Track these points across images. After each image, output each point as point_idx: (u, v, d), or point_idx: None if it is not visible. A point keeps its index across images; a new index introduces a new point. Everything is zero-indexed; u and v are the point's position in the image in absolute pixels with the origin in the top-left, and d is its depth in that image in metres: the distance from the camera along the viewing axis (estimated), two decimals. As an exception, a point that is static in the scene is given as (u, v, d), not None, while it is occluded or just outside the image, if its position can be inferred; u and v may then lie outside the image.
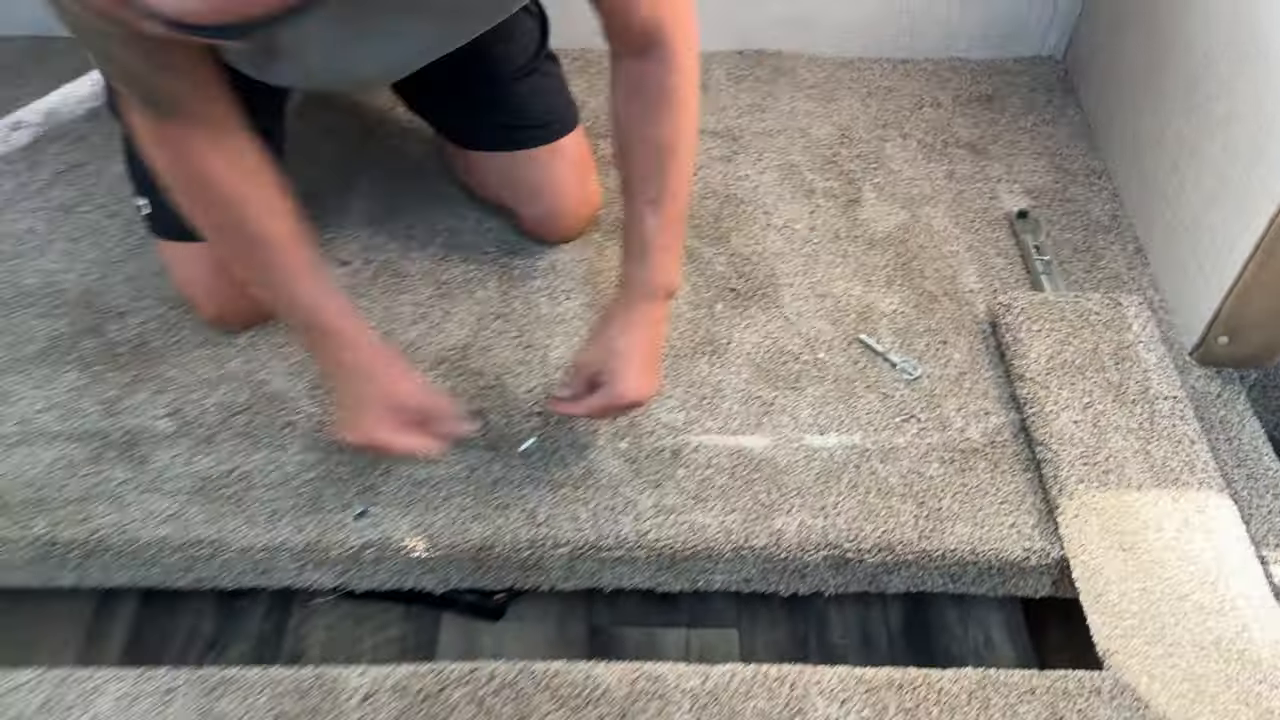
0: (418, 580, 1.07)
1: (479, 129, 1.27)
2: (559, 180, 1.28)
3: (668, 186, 0.99)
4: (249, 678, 0.90)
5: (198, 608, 1.14)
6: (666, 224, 1.00)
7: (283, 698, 0.89)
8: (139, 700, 0.88)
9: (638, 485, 1.09)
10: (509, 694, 0.90)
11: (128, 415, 1.12)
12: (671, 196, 0.99)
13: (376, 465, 1.09)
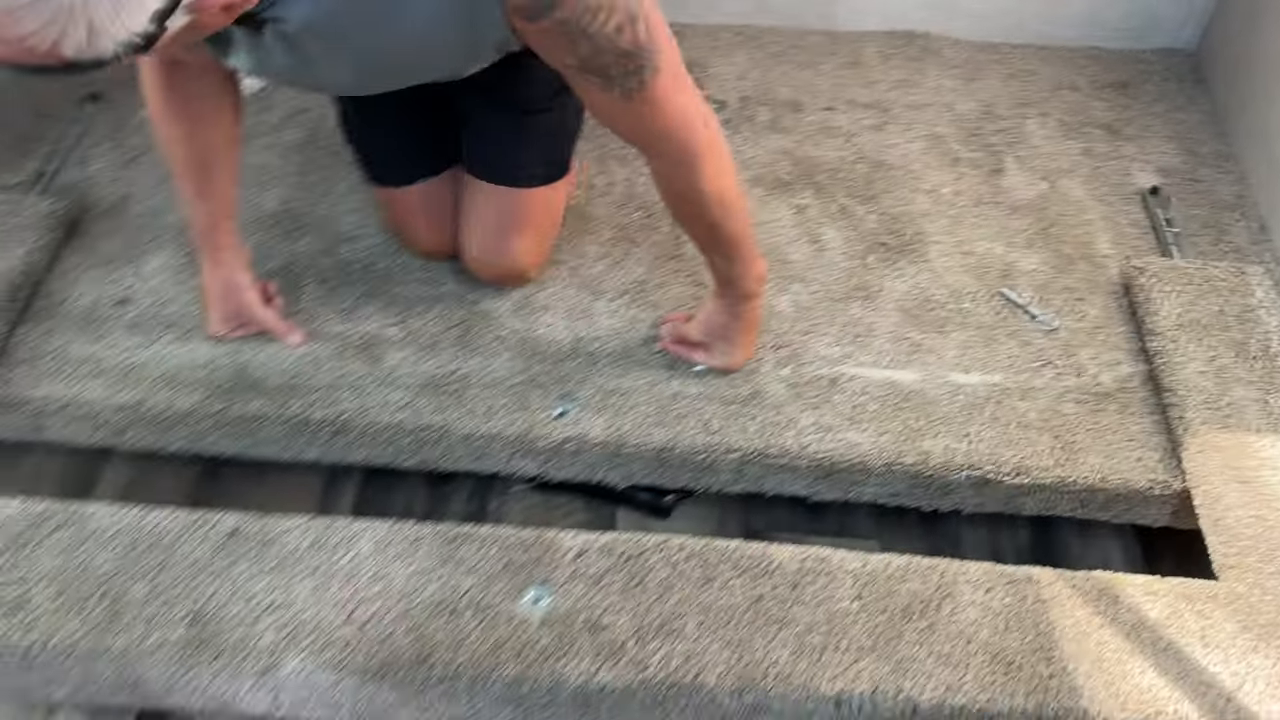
0: (605, 474, 1.24)
1: (470, 136, 1.32)
2: (484, 217, 1.30)
3: (715, 240, 1.13)
4: (481, 533, 1.08)
5: (411, 487, 1.33)
6: (729, 258, 1.15)
7: (510, 549, 1.06)
8: (391, 545, 1.06)
9: (799, 406, 1.24)
10: (696, 561, 1.06)
11: (362, 322, 1.31)
12: (724, 242, 1.13)
13: (576, 374, 1.26)
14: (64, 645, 0.98)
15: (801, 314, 1.34)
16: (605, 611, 1.02)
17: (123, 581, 1.02)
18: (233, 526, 1.07)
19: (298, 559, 1.05)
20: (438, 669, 0.98)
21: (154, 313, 1.30)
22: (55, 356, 1.25)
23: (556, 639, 1.00)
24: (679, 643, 1.00)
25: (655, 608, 1.02)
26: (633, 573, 1.05)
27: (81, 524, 1.06)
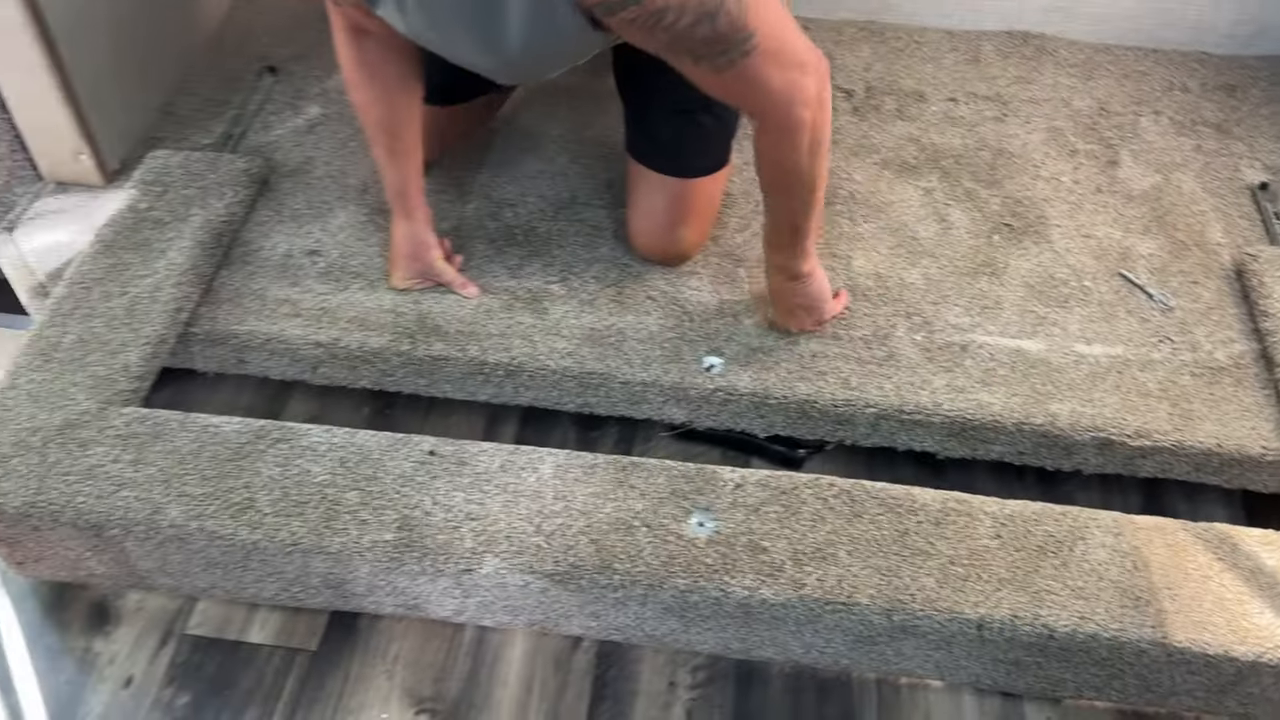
0: (749, 423, 1.35)
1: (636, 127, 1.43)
2: (654, 206, 1.41)
3: (792, 215, 1.21)
4: (650, 464, 1.19)
5: (564, 429, 1.45)
6: (795, 237, 1.23)
7: (675, 479, 1.18)
8: (570, 470, 1.18)
9: (932, 369, 1.34)
10: (846, 499, 1.17)
11: (527, 279, 1.44)
12: (800, 219, 1.21)
13: (723, 333, 1.37)
14: (287, 542, 1.11)
15: (932, 286, 1.44)
16: (764, 537, 1.13)
17: (337, 490, 1.15)
18: (431, 447, 1.19)
19: (489, 478, 1.17)
20: (617, 577, 1.09)
21: (342, 264, 1.44)
22: (256, 297, 1.39)
23: (721, 558, 1.11)
24: (832, 567, 1.10)
25: (809, 536, 1.13)
26: (787, 505, 1.16)
27: (296, 440, 1.19)
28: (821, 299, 1.33)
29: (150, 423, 1.20)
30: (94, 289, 1.33)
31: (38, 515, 1.13)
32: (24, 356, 1.26)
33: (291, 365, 1.38)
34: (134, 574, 1.20)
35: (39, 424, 1.19)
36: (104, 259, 1.37)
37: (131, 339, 1.28)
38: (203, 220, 1.42)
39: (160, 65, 1.67)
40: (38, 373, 1.24)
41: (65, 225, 1.47)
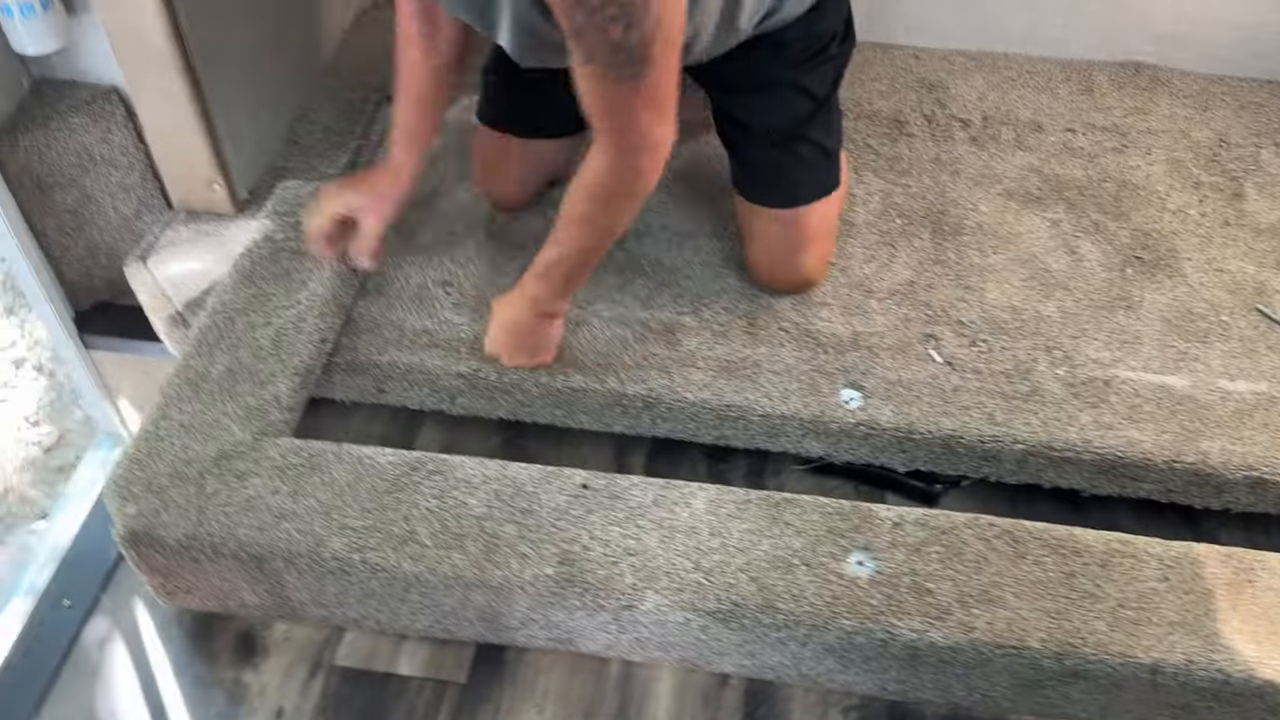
0: (891, 458, 1.34)
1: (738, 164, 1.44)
2: (768, 238, 1.41)
3: (570, 251, 1.21)
4: (804, 501, 1.18)
5: (692, 461, 1.44)
6: (560, 268, 1.23)
7: (830, 516, 1.17)
8: (723, 505, 1.18)
9: (1077, 405, 1.32)
10: (1008, 539, 1.15)
11: (658, 310, 1.44)
12: (572, 258, 1.22)
13: (859, 365, 1.36)
14: (449, 575, 1.11)
15: (1069, 319, 1.42)
16: (927, 578, 1.11)
17: (494, 523, 1.15)
18: (583, 480, 1.19)
19: (643, 512, 1.16)
20: (781, 616, 1.09)
21: (475, 294, 1.44)
22: (395, 328, 1.40)
23: (886, 599, 1.10)
24: (1000, 609, 1.09)
25: (974, 577, 1.11)
26: (948, 545, 1.14)
27: (450, 472, 1.19)
28: (552, 343, 1.34)
29: (305, 454, 1.20)
30: (237, 319, 1.34)
31: (199, 547, 1.13)
32: (172, 387, 1.27)
33: (431, 395, 1.38)
34: (286, 605, 1.21)
35: (194, 455, 1.20)
36: (245, 289, 1.38)
37: (280, 369, 1.29)
38: (340, 250, 1.43)
39: (283, 95, 1.70)
40: (188, 403, 1.26)
41: (199, 254, 1.49)
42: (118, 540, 1.15)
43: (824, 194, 1.41)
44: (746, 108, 1.38)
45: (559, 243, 1.22)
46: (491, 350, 1.34)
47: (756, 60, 1.31)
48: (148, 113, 1.44)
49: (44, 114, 1.43)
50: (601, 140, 1.11)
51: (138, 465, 1.19)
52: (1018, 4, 1.79)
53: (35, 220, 1.47)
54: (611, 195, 1.15)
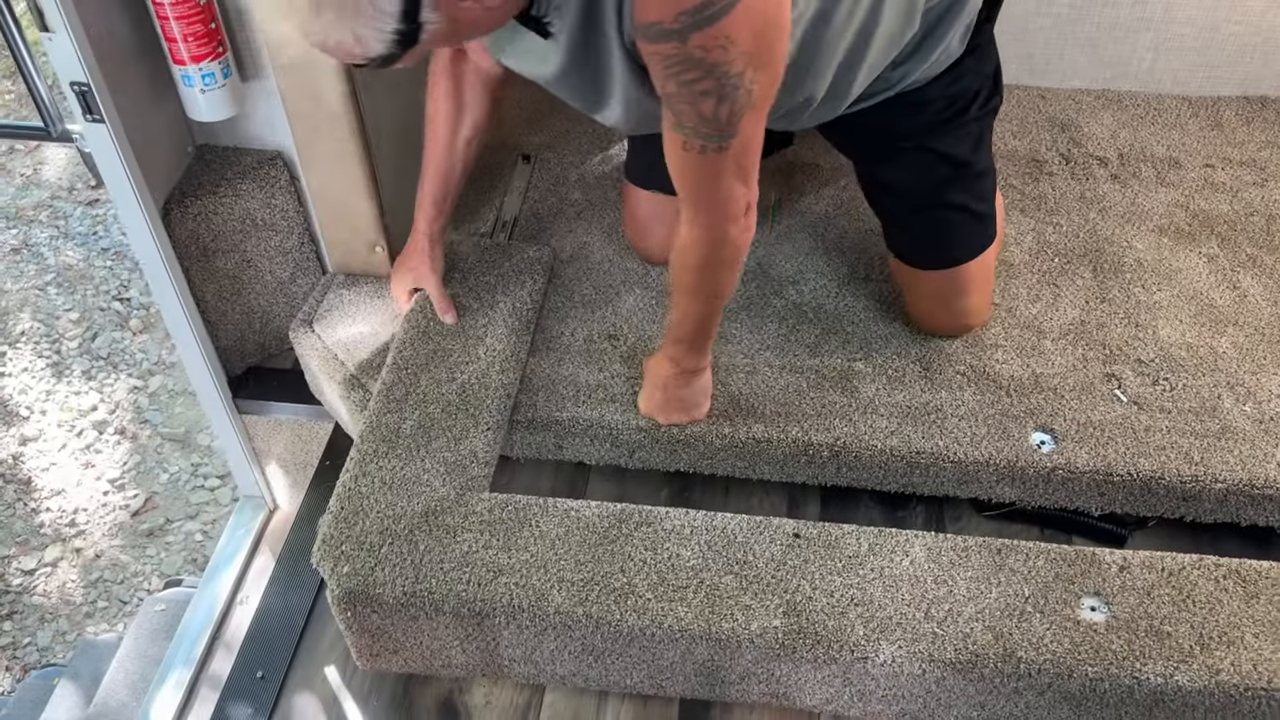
0: (1087, 501, 1.32)
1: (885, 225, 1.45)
2: (925, 292, 1.42)
3: (689, 316, 1.22)
4: (1025, 546, 1.16)
5: (866, 509, 1.42)
6: (685, 334, 1.25)
7: (1055, 562, 1.15)
8: (943, 553, 1.16)
9: (1269, 440, 1.30)
10: (1236, 579, 1.13)
11: (828, 356, 1.43)
12: (692, 322, 1.23)
13: (1045, 408, 1.35)
14: (674, 628, 1.09)
15: (1244, 354, 1.41)
16: (1163, 621, 1.09)
17: (712, 574, 1.13)
18: (794, 529, 1.17)
19: (861, 561, 1.15)
20: (1022, 665, 1.06)
21: (641, 346, 1.44)
22: (569, 383, 1.39)
23: (1126, 644, 1.07)
24: (1242, 650, 1.06)
25: (1210, 619, 1.09)
26: (1178, 587, 1.12)
27: (658, 523, 1.18)
28: (703, 396, 1.33)
29: (511, 508, 1.19)
30: (421, 375, 1.34)
31: (418, 605, 1.12)
32: (366, 444, 1.27)
33: (611, 450, 1.37)
34: (494, 663, 1.19)
35: (401, 511, 1.19)
36: (423, 345, 1.38)
37: (471, 425, 1.28)
38: (510, 306, 1.43)
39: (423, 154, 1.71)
40: (385, 459, 1.25)
41: (366, 317, 1.49)
42: (332, 602, 1.14)
43: (977, 253, 1.39)
44: (883, 171, 1.38)
45: (676, 307, 1.23)
46: (646, 409, 1.34)
47: (891, 122, 1.31)
48: (316, 177, 1.45)
49: (211, 180, 1.44)
50: (688, 212, 1.11)
51: (345, 524, 1.18)
52: (1147, 43, 1.80)
53: (197, 285, 1.47)
54: (706, 265, 1.15)
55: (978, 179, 1.37)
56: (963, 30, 1.25)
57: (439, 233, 1.43)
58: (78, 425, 2.88)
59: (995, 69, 1.35)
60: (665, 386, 1.32)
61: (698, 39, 0.93)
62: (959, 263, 1.38)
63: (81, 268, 3.24)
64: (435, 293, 1.43)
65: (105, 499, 2.81)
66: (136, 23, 1.28)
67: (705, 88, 0.97)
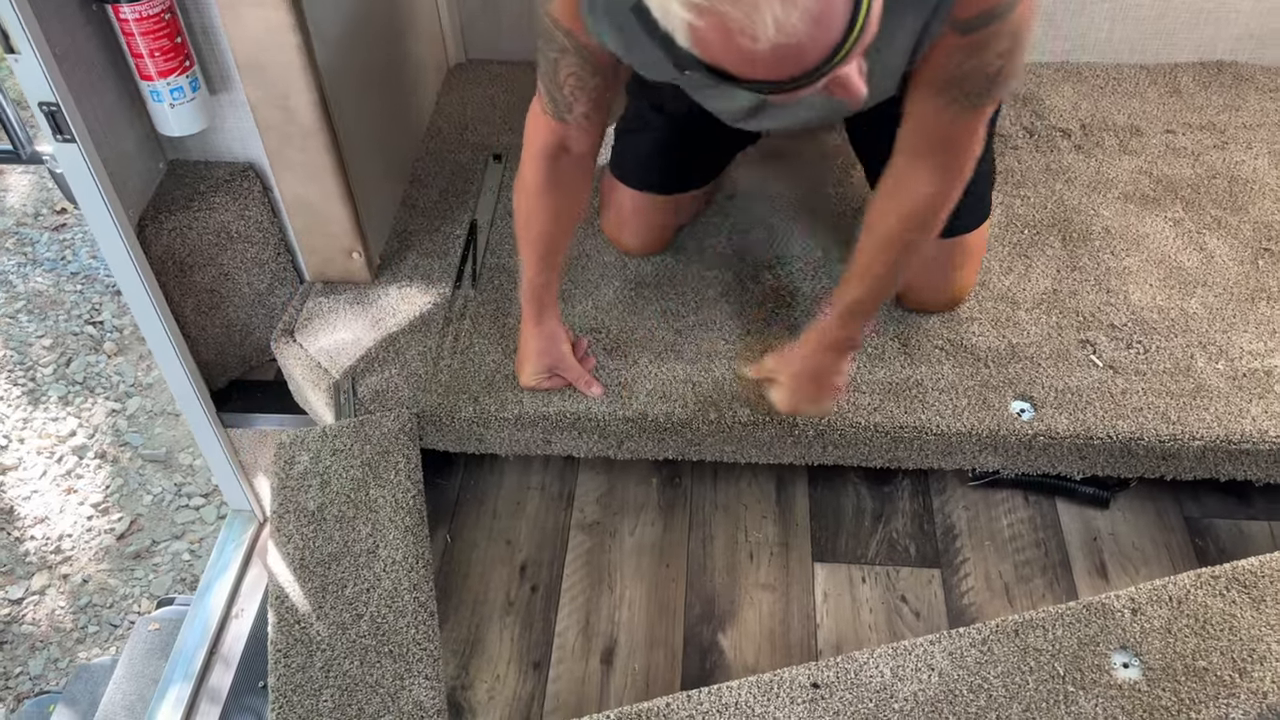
0: (1069, 466, 1.34)
1: None
2: (927, 270, 1.39)
3: (885, 282, 1.20)
4: (1038, 618, 1.14)
5: (854, 486, 1.45)
6: (876, 297, 1.22)
7: (1074, 625, 1.13)
8: (965, 653, 1.11)
9: (1243, 396, 1.33)
10: (1238, 586, 1.14)
11: (809, 338, 1.44)
12: (884, 287, 1.21)
13: (1023, 377, 1.37)
14: None
15: (1214, 314, 1.44)
16: (1194, 655, 1.09)
17: None
18: (810, 679, 1.11)
19: (890, 692, 1.08)
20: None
21: (624, 337, 1.45)
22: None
23: (1171, 693, 1.07)
24: (1276, 664, 1.08)
25: (1234, 640, 1.10)
26: (1192, 614, 1.13)
27: (672, 716, 1.11)
28: (846, 374, 1.30)
29: None
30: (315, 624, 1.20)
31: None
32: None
33: (599, 442, 1.38)
34: None
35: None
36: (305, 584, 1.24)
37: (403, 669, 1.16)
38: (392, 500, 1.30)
39: (399, 160, 1.72)
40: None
41: (346, 324, 1.49)
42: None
43: (979, 223, 1.42)
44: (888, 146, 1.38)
45: (867, 277, 1.20)
46: (793, 407, 1.29)
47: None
48: (289, 187, 1.45)
49: (185, 195, 1.44)
50: (927, 167, 1.12)
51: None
52: (1104, 13, 1.83)
53: (175, 302, 1.47)
54: (937, 215, 1.16)
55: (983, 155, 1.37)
56: None
57: (558, 315, 1.37)
58: (57, 451, 2.86)
59: None
60: (822, 375, 1.27)
61: (1022, 8, 0.96)
62: (966, 231, 1.39)
63: (52, 293, 3.21)
64: (578, 376, 1.37)
65: (90, 524, 2.79)
66: (103, 40, 1.27)
67: (1005, 49, 0.99)
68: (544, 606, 1.35)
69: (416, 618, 1.19)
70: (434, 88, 1.90)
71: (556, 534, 1.42)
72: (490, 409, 1.37)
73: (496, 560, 1.40)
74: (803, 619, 1.32)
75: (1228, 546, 1.36)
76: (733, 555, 1.39)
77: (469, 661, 1.29)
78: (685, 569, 1.38)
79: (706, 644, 1.30)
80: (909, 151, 1.12)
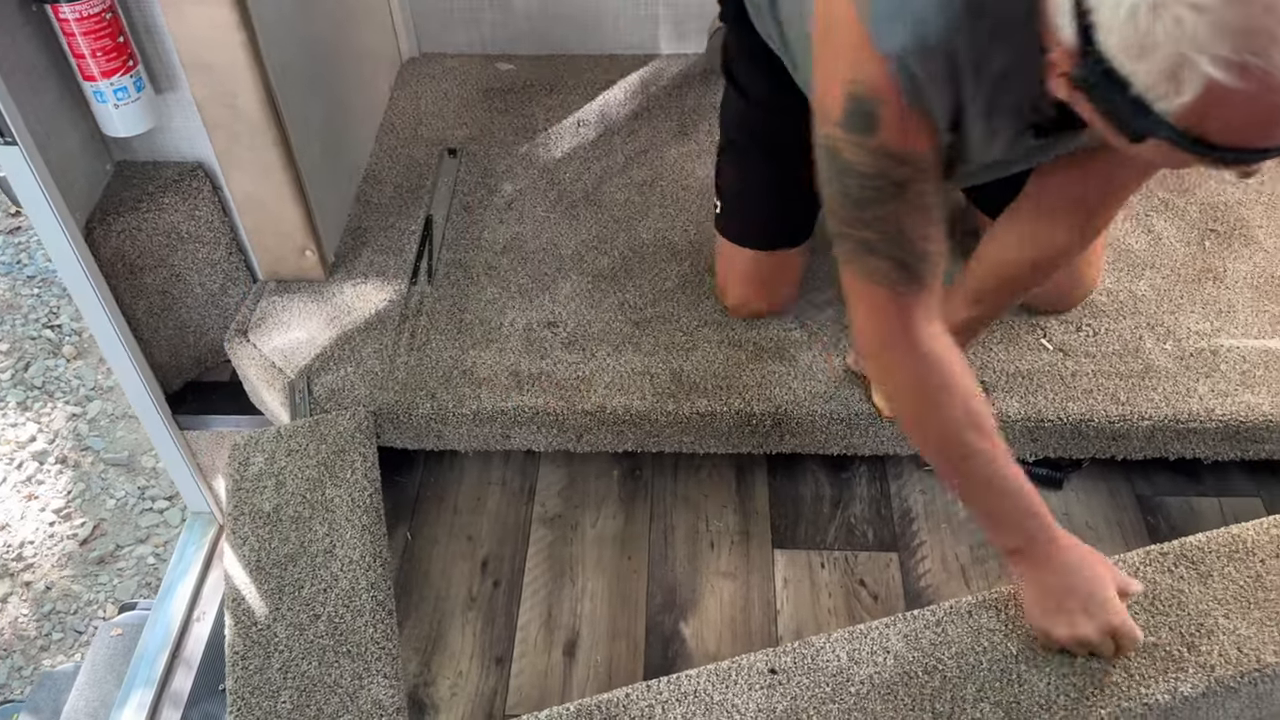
0: (1020, 448, 1.36)
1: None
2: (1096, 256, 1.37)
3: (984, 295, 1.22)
4: (991, 598, 1.15)
5: (813, 474, 1.46)
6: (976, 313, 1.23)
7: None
8: (920, 635, 1.12)
9: (1190, 376, 1.36)
10: (1185, 564, 1.16)
11: (764, 328, 1.45)
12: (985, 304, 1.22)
13: (974, 360, 1.39)
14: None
15: (1162, 295, 1.46)
16: (1145, 632, 1.08)
17: None
18: (767, 665, 1.11)
19: (846, 675, 1.09)
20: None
21: (581, 331, 1.45)
22: (510, 373, 1.40)
23: (1124, 671, 1.07)
24: (1223, 636, 1.09)
25: (1182, 615, 1.12)
26: (1149, 590, 1.13)
27: (624, 713, 1.08)
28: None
29: None
30: (274, 626, 1.19)
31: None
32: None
33: (558, 436, 1.38)
34: None
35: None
36: (262, 585, 1.23)
37: (361, 668, 1.26)
38: (348, 499, 1.29)
39: (351, 156, 1.70)
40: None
41: (300, 322, 1.48)
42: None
43: None
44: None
45: (984, 304, 1.23)
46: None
47: None
48: (239, 185, 1.44)
49: (133, 196, 1.42)
50: (1072, 225, 1.11)
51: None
52: None
53: (127, 304, 1.45)
54: (1053, 268, 1.16)
55: None
56: None
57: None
58: (16, 457, 2.82)
59: None
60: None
61: None
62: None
63: (8, 297, 3.16)
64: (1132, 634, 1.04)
65: (52, 529, 2.76)
66: (43, 41, 1.25)
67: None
68: (506, 601, 1.35)
69: (375, 616, 1.19)
70: (387, 82, 1.89)
71: (518, 528, 1.43)
72: (448, 405, 1.37)
73: (458, 556, 1.40)
74: (763, 606, 1.33)
75: (1179, 523, 1.39)
76: (694, 545, 1.40)
77: (431, 658, 1.29)
78: (647, 560, 1.39)
79: (669, 633, 1.31)
80: (1051, 206, 1.07)
